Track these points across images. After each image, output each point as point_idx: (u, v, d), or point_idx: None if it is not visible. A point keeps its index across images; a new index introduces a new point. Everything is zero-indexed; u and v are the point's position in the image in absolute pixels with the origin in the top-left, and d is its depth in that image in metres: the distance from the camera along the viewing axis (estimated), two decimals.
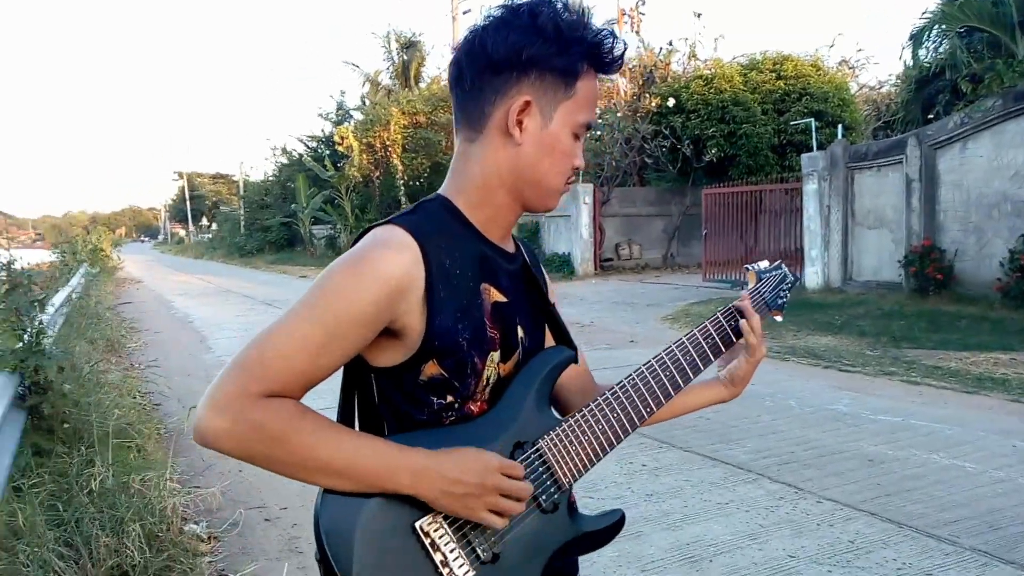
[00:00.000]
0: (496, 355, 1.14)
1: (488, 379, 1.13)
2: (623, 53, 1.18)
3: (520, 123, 1.12)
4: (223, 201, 59.85)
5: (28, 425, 4.13)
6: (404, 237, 1.07)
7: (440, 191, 1.20)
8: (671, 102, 18.02)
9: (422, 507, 1.03)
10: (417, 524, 1.03)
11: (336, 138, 28.20)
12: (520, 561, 1.09)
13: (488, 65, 1.12)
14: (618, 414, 1.19)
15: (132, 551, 3.22)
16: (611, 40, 1.15)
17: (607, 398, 1.20)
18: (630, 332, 10.00)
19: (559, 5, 1.12)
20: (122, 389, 5.83)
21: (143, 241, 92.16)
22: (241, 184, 48.01)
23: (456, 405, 1.11)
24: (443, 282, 1.08)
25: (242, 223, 39.84)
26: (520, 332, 1.20)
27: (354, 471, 1.01)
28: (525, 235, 19.25)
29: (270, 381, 1.00)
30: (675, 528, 3.59)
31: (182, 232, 74.03)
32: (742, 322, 1.30)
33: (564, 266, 18.10)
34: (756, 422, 5.32)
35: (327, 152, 31.56)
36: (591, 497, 3.97)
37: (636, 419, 1.20)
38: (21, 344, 4.10)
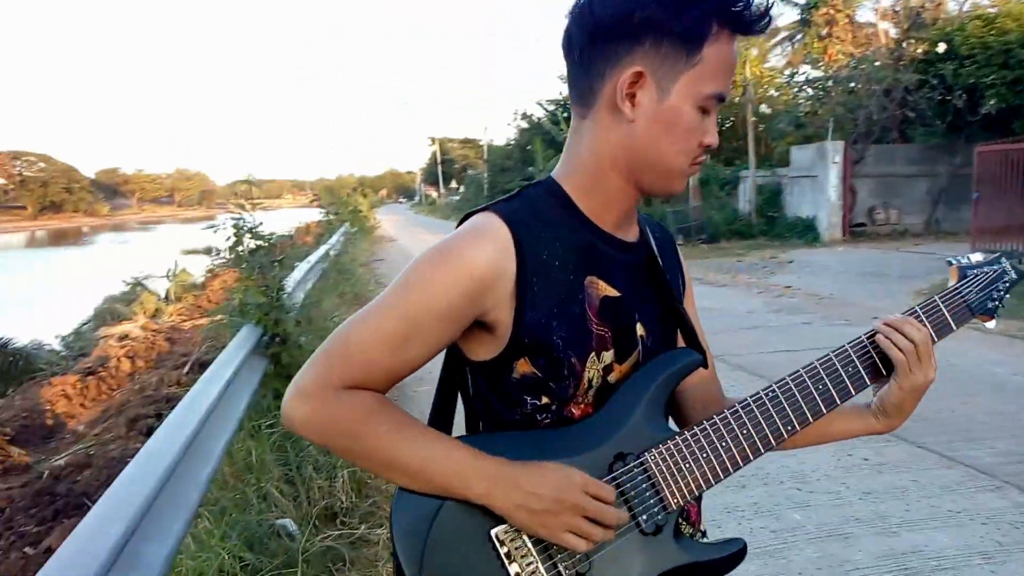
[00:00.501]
0: (607, 354, 1.04)
1: (591, 381, 1.03)
2: (769, 7, 1.00)
3: (632, 97, 0.99)
4: (470, 165, 62.97)
5: (270, 371, 4.63)
6: (498, 226, 1.00)
7: (552, 173, 1.10)
8: (941, 47, 15.92)
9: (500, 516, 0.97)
10: (494, 532, 0.97)
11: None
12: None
13: (597, 32, 0.99)
14: (743, 434, 1.04)
15: (341, 495, 3.51)
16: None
17: (735, 413, 1.05)
18: (874, 307, 9.08)
19: None
20: None
21: (400, 202, 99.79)
22: (485, 149, 50.12)
23: (553, 407, 1.03)
24: (538, 275, 0.99)
25: (485, 185, 41.69)
26: (640, 330, 1.08)
27: (427, 475, 0.97)
28: (764, 196, 18.18)
29: (352, 373, 0.98)
30: (891, 534, 3.20)
31: (434, 194, 78.97)
32: (883, 340, 1.07)
33: (807, 231, 16.85)
34: (1012, 419, 4.60)
35: (564, 115, 31.94)
36: (798, 489, 3.67)
37: (762, 444, 1.05)
38: (265, 299, 4.58)
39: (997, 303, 1.19)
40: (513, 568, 0.97)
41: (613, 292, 1.05)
